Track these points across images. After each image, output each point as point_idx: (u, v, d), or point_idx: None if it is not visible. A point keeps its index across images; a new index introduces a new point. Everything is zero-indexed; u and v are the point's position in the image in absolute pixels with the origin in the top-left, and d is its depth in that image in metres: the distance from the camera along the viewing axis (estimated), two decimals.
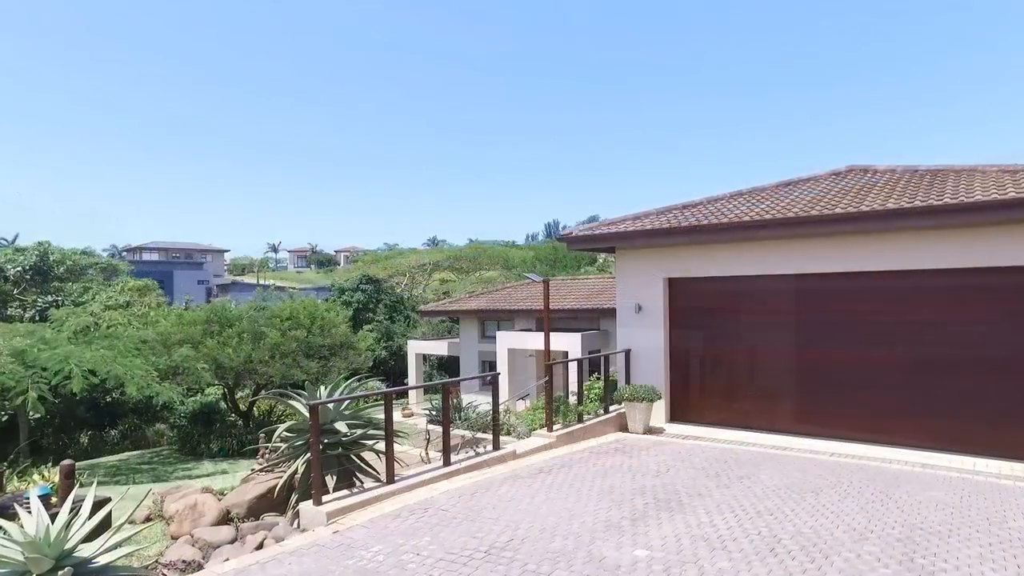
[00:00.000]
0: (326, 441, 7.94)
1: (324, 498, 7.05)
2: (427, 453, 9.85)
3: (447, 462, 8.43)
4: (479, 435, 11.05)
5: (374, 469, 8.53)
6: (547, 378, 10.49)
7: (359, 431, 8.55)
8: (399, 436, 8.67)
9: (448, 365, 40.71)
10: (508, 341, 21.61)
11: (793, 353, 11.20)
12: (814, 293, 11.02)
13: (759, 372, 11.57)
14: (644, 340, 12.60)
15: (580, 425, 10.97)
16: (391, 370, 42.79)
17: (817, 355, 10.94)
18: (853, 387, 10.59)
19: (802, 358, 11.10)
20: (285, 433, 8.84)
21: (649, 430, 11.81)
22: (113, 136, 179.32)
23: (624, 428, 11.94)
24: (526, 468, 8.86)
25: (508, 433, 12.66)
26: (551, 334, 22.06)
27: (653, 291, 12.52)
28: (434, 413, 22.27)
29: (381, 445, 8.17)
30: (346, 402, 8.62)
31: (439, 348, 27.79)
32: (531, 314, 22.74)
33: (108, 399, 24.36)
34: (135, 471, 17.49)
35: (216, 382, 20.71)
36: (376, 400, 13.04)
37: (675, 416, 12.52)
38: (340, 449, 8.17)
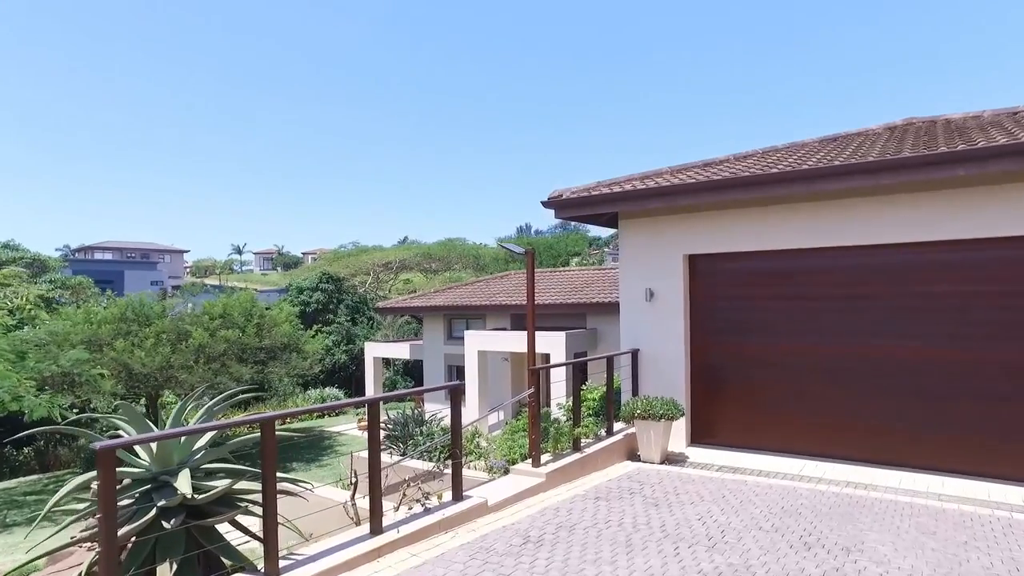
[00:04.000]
0: (160, 506, 4.68)
1: None
2: (353, 505, 6.57)
3: (376, 529, 5.22)
4: (443, 465, 7.89)
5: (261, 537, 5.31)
6: (532, 389, 7.34)
7: (220, 483, 5.27)
8: (297, 489, 5.46)
9: (415, 370, 37.37)
10: (478, 342, 18.42)
11: (864, 352, 8.22)
12: (896, 270, 8.06)
13: (816, 378, 8.56)
14: (657, 338, 9.54)
15: (577, 455, 7.85)
16: (352, 376, 39.29)
17: (902, 354, 7.97)
18: (955, 398, 7.64)
19: (878, 359, 8.13)
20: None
21: (668, 457, 8.75)
22: (76, 130, 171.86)
23: (634, 455, 8.86)
24: (504, 535, 5.68)
25: (479, 458, 9.46)
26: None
27: (670, 273, 9.47)
28: (391, 427, 19.06)
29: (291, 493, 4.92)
30: (205, 437, 5.36)
31: (400, 351, 24.49)
32: (505, 311, 19.59)
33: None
34: None
35: (124, 391, 17.14)
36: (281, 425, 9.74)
37: (698, 437, 9.47)
38: (185, 518, 4.88)
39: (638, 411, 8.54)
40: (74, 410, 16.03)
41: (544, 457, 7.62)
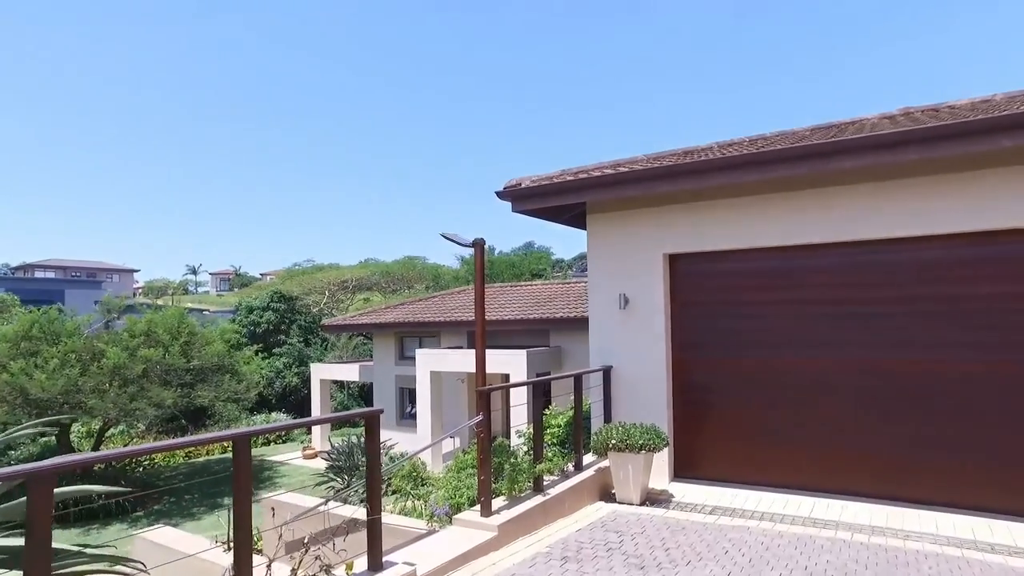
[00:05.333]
0: None
1: None
2: None
3: None
4: (395, 515, 6.20)
5: None
6: (480, 415, 5.74)
7: None
8: (126, 570, 3.75)
9: (368, 393, 35.36)
10: (431, 362, 16.73)
11: (883, 367, 6.86)
12: (919, 269, 6.75)
13: (823, 399, 7.16)
14: (633, 352, 8.07)
15: (539, 498, 6.26)
16: (305, 400, 37.01)
17: (930, 368, 6.62)
18: (1002, 421, 6.30)
19: (900, 375, 6.77)
20: None
21: (649, 497, 7.22)
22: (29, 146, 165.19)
23: (608, 494, 7.31)
24: None
25: (419, 499, 7.77)
26: (487, 353, 17.32)
27: (647, 275, 8.04)
28: (333, 456, 17.17)
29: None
30: None
31: (350, 373, 22.63)
32: (461, 327, 17.96)
33: None
34: None
35: (18, 419, 14.89)
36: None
37: (683, 470, 7.98)
38: None
39: (613, 441, 7.01)
40: None
41: (497, 502, 6.01)
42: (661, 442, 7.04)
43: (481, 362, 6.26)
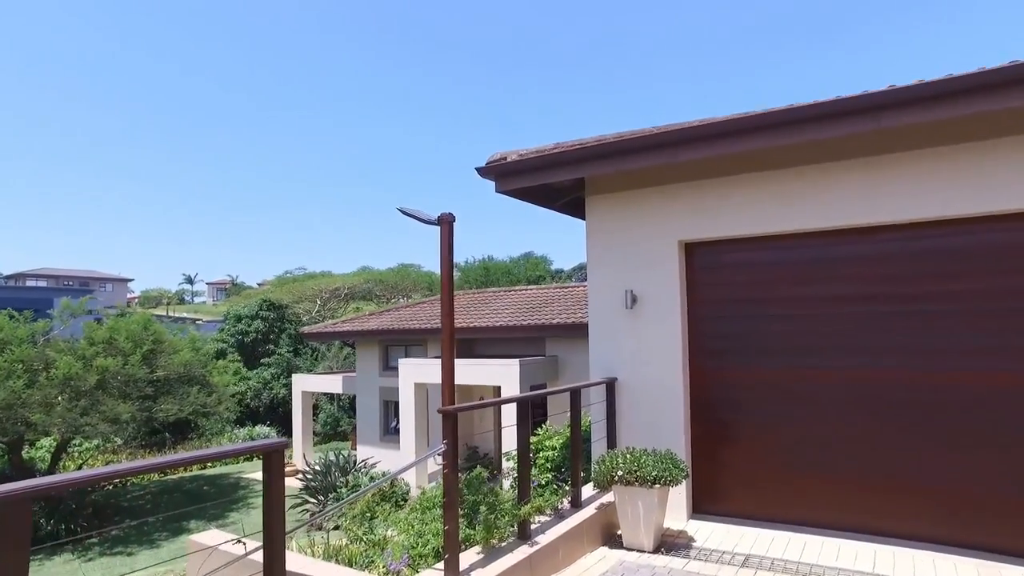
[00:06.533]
0: None
1: None
2: None
3: None
4: (335, 568, 4.79)
5: None
6: (445, 444, 4.30)
7: None
8: None
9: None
10: (415, 372, 15.28)
11: (953, 380, 5.45)
12: (1000, 257, 5.35)
13: (874, 418, 5.74)
14: (642, 361, 6.66)
15: (525, 548, 4.82)
16: (291, 413, 35.52)
17: (1008, 381, 5.21)
18: None
19: (974, 390, 5.36)
20: None
21: (664, 541, 5.79)
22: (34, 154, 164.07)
23: (612, 537, 5.88)
24: None
25: (373, 547, 6.29)
26: (474, 364, 15.77)
27: (659, 267, 6.65)
28: (309, 476, 15.69)
29: None
30: None
31: (333, 384, 21.15)
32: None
33: None
34: None
35: None
36: None
37: (704, 505, 6.54)
38: None
39: (619, 472, 5.58)
40: None
41: (470, 555, 4.58)
42: (679, 473, 5.62)
43: (449, 372, 4.89)
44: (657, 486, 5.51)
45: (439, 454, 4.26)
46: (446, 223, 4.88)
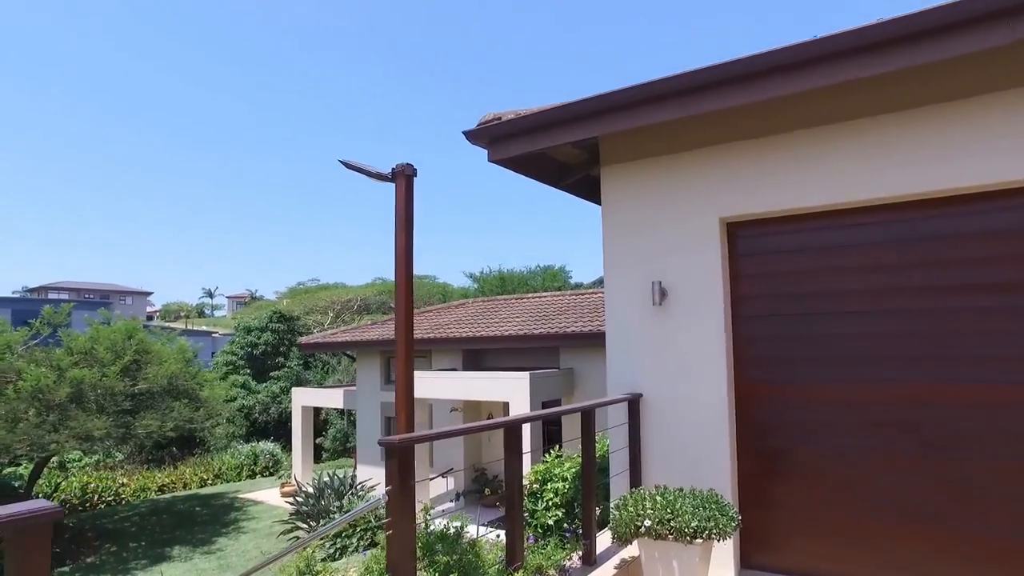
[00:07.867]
0: None
1: None
2: None
3: None
4: None
5: None
6: (386, 492, 2.91)
7: None
8: None
9: None
10: (419, 388, 13.88)
11: None
12: None
13: (981, 447, 4.26)
14: (675, 372, 5.22)
15: None
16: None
17: None
18: None
19: None
20: None
21: None
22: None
23: None
24: None
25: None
26: (478, 376, 14.38)
27: (695, 253, 5.22)
28: (300, 499, 14.36)
29: None
30: None
31: (333, 398, 19.85)
32: (456, 345, 15.15)
33: None
34: None
35: None
36: None
37: (756, 555, 5.05)
38: None
39: (647, 522, 4.13)
40: None
41: None
42: (728, 523, 4.16)
43: (406, 387, 3.53)
44: (699, 540, 4.06)
45: (384, 505, 2.86)
46: (403, 176, 3.55)
